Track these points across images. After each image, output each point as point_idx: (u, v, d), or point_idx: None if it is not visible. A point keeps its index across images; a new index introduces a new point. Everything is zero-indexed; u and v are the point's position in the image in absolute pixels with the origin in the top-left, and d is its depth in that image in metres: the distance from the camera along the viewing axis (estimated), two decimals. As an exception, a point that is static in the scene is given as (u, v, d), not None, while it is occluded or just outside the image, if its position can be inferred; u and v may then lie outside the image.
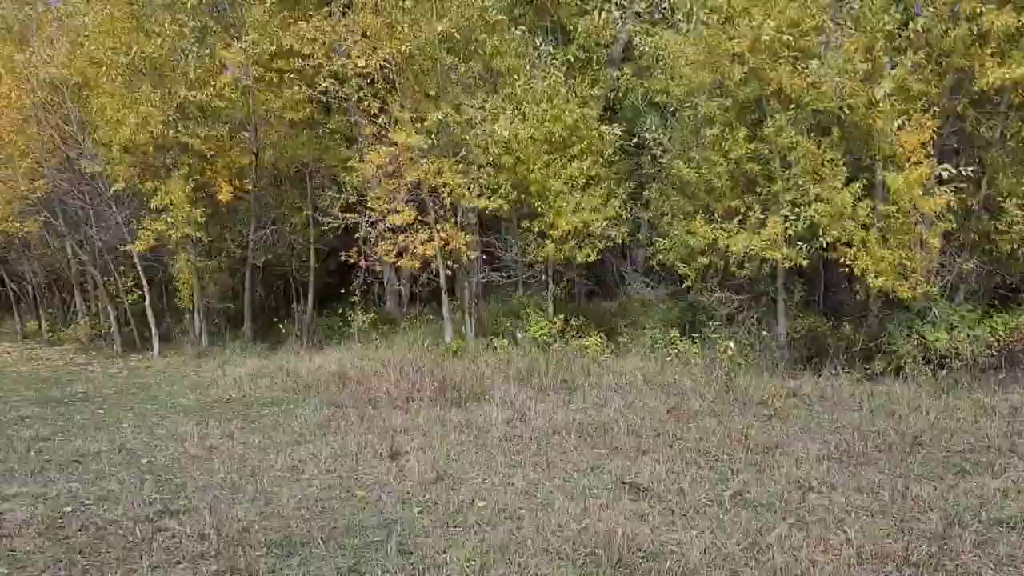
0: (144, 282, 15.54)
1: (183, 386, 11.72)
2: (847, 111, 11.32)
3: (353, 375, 11.19)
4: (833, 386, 10.42)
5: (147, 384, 12.21)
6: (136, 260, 15.15)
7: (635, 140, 15.13)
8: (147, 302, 15.61)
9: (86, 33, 13.43)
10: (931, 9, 11.20)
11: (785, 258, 11.81)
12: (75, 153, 14.85)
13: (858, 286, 12.15)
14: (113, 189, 14.32)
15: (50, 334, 17.74)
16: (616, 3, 13.82)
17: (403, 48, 13.17)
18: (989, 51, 10.68)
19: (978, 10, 10.47)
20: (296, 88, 13.88)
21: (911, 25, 11.18)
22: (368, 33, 13.34)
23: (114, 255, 15.86)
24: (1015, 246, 11.40)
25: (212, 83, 13.60)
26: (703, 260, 12.89)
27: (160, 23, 13.20)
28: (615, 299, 18.23)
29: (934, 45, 11.30)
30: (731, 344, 10.86)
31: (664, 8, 13.55)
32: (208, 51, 13.87)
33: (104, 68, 13.11)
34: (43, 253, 17.75)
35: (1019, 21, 10.22)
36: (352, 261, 14.66)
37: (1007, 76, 10.43)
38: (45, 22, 14.29)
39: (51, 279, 19.18)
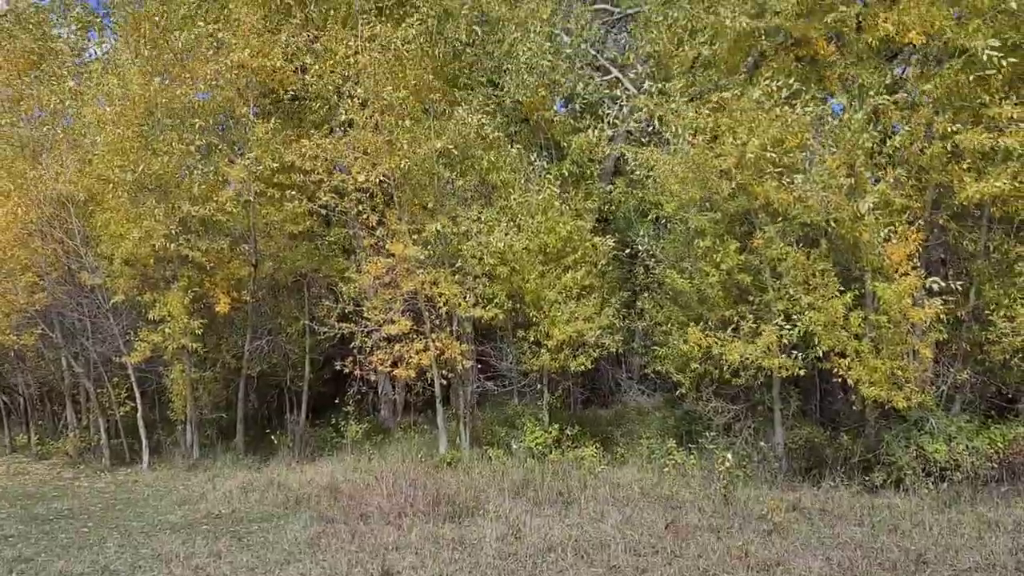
0: (137, 394, 15.45)
1: (171, 501, 11.47)
2: (834, 224, 11.62)
3: (345, 488, 11.01)
4: (833, 499, 10.26)
5: (135, 499, 11.95)
6: (130, 371, 15.12)
7: (628, 250, 15.44)
8: (139, 414, 15.47)
9: (96, 152, 13.89)
10: (906, 128, 11.70)
11: (781, 367, 11.85)
12: (76, 266, 15.08)
13: (854, 396, 12.15)
14: (112, 301, 14.46)
15: (39, 447, 17.47)
16: (607, 123, 14.39)
17: (402, 164, 13.61)
18: (964, 167, 11.09)
19: (951, 130, 10.93)
20: (297, 202, 14.25)
21: (888, 143, 11.63)
22: (368, 150, 13.82)
23: (108, 367, 15.84)
24: (1007, 356, 11.47)
25: (215, 198, 13.97)
26: (698, 368, 12.93)
27: (168, 142, 13.68)
28: (611, 407, 18.14)
29: (912, 162, 11.74)
30: (729, 456, 10.75)
31: (652, 128, 14.09)
32: (213, 168, 14.31)
33: (111, 185, 13.48)
34: (37, 365, 17.71)
35: (991, 140, 10.65)
36: (347, 370, 14.66)
37: (984, 192, 10.79)
38: (59, 141, 14.76)
39: (43, 391, 19.05)
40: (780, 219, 11.97)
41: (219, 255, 14.49)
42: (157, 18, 13.96)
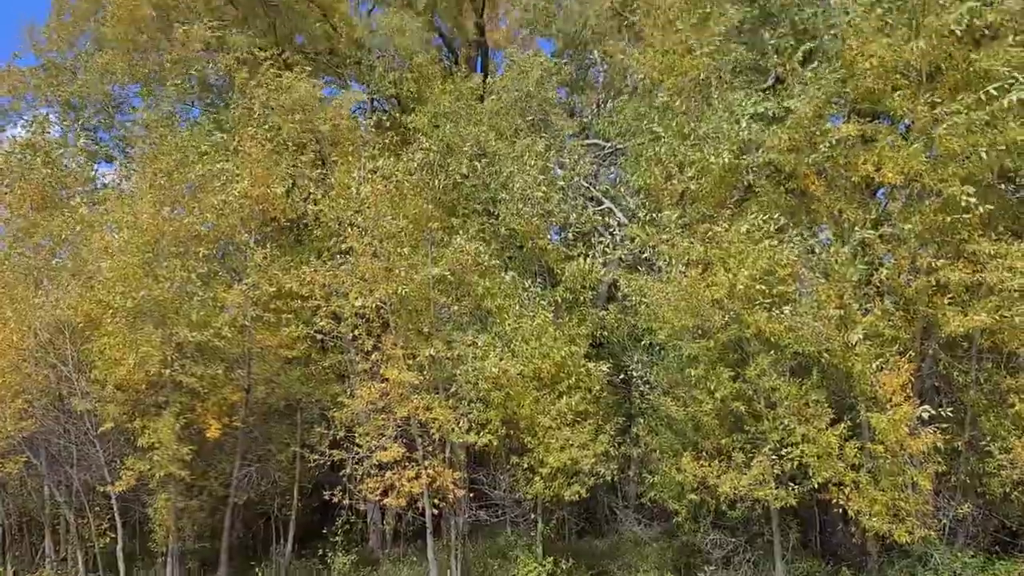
0: (118, 524, 14.95)
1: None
2: (826, 354, 11.76)
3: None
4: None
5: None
6: (113, 501, 14.71)
7: (622, 376, 15.45)
8: (119, 546, 14.93)
9: (99, 278, 14.08)
10: (893, 261, 12.05)
11: (776, 498, 11.67)
12: (67, 392, 14.94)
13: (854, 528, 11.92)
14: (101, 429, 14.25)
15: (13, 581, 16.74)
16: (599, 252, 14.75)
17: (399, 290, 13.82)
18: (948, 301, 11.36)
19: (934, 264, 11.27)
20: (293, 327, 14.34)
21: (876, 275, 11.94)
22: (367, 276, 14.06)
23: (91, 496, 15.41)
24: (1007, 489, 11.37)
25: (213, 324, 14.05)
26: (694, 498, 12.71)
27: (172, 270, 13.91)
28: (607, 537, 17.61)
29: (900, 293, 12.03)
30: (730, 593, 10.43)
31: (645, 257, 14.45)
32: (212, 294, 14.47)
33: (111, 311, 13.59)
34: (19, 493, 17.21)
35: (973, 275, 10.96)
36: (336, 499, 14.31)
37: (967, 325, 11.01)
38: (63, 267, 14.97)
39: (23, 520, 18.42)
40: (773, 349, 12.10)
41: (213, 380, 14.41)
42: (174, 155, 14.53)
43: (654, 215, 13.95)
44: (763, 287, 11.96)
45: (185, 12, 19.02)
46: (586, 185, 17.46)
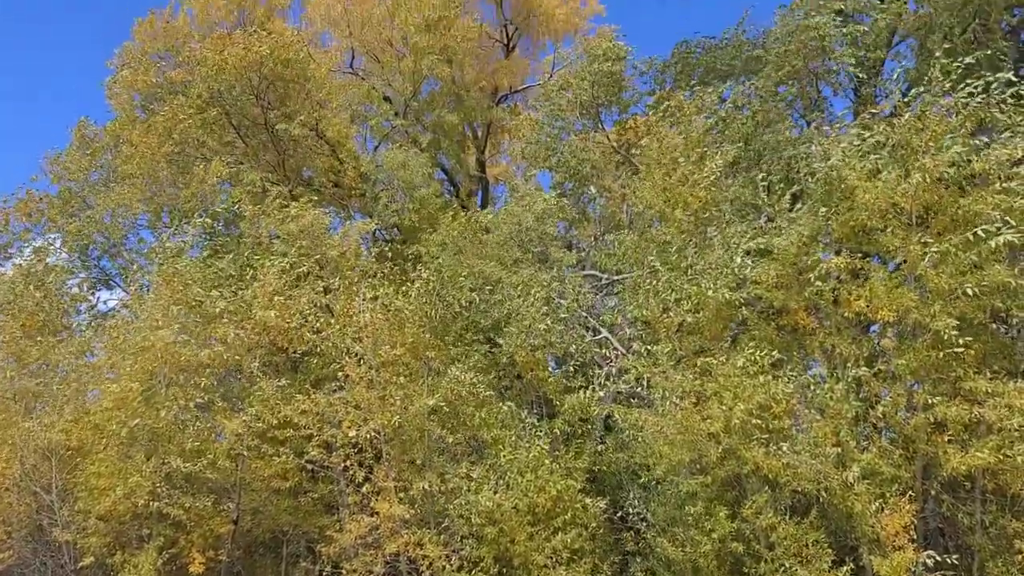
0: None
1: None
2: (824, 493, 11.51)
3: None
4: None
5: None
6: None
7: (619, 513, 15.06)
8: None
9: (94, 403, 14.03)
10: (889, 398, 12.00)
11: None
12: (48, 521, 14.54)
13: None
14: (81, 565, 13.77)
15: None
16: (597, 384, 14.77)
17: (394, 420, 13.73)
18: (947, 439, 11.22)
19: (931, 401, 11.21)
20: (285, 457, 14.14)
21: (871, 412, 11.86)
22: (361, 405, 13.99)
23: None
24: (1022, 644, 10.85)
25: (208, 453, 13.87)
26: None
27: (173, 398, 13.86)
28: None
29: (898, 431, 11.90)
30: None
31: (641, 388, 14.42)
32: (209, 423, 14.37)
33: (104, 438, 13.45)
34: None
35: (971, 413, 10.88)
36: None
37: (969, 464, 10.83)
38: (57, 391, 14.94)
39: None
40: (771, 486, 11.87)
41: (200, 512, 14.06)
42: (190, 283, 14.83)
43: (650, 347, 14.02)
44: (759, 422, 11.86)
45: (200, 147, 19.87)
46: (585, 315, 17.64)
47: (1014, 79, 12.41)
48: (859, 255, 12.90)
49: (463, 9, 23.77)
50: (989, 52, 14.24)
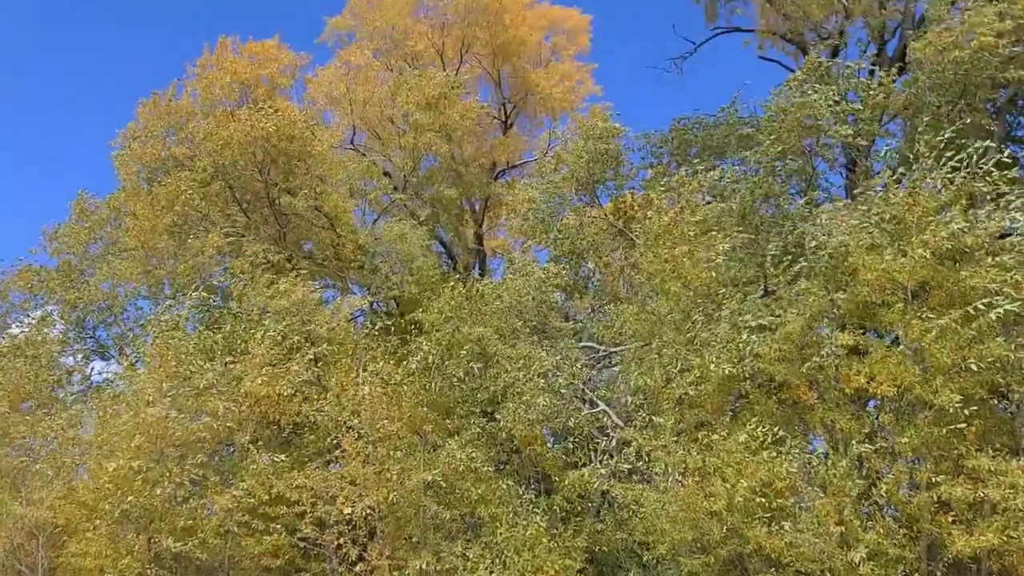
0: None
1: None
2: (828, 573, 11.24)
3: None
4: None
5: None
6: None
7: (620, 596, 14.66)
8: None
9: (85, 480, 13.74)
10: (891, 476, 11.82)
11: None
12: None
13: None
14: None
15: None
16: (599, 460, 14.57)
17: (390, 496, 13.48)
18: (951, 519, 11.03)
19: (933, 480, 11.06)
20: (277, 535, 13.81)
21: (874, 490, 11.69)
22: (357, 481, 13.75)
23: None
24: None
25: (198, 531, 13.52)
26: None
27: (169, 474, 13.60)
28: None
29: (902, 510, 11.70)
30: None
31: (642, 464, 14.21)
32: (202, 500, 14.08)
33: (94, 516, 13.13)
34: None
35: (975, 492, 10.72)
36: None
37: (974, 545, 10.62)
38: (46, 467, 14.63)
39: None
40: (774, 566, 11.59)
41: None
42: (183, 356, 14.72)
43: (652, 418, 13.89)
44: (762, 500, 11.66)
45: (202, 220, 20.06)
46: (582, 387, 17.49)
47: (996, 146, 12.67)
48: (860, 330, 12.93)
49: (463, 89, 24.40)
50: (969, 121, 14.54)
